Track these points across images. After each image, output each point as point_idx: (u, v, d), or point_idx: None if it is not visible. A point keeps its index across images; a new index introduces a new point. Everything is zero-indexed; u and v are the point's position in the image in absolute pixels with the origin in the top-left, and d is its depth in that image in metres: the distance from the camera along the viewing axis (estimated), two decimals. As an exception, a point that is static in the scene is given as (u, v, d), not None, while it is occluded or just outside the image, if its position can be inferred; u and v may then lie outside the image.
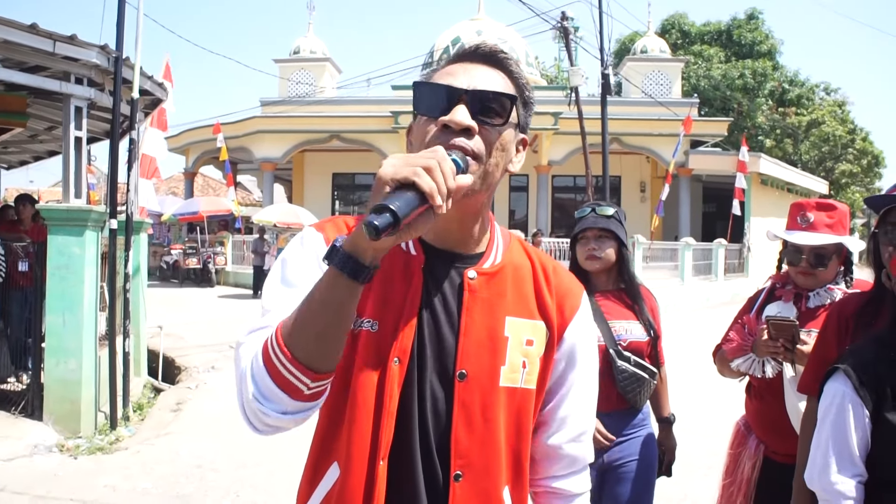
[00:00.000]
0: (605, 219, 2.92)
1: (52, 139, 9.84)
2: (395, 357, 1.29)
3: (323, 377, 1.17)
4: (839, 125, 34.83)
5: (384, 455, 1.27)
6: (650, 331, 2.87)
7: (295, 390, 1.15)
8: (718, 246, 20.56)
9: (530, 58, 29.81)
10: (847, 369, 1.78)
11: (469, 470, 1.31)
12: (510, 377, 1.34)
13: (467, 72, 1.32)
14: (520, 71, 1.38)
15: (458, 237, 1.36)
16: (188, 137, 25.41)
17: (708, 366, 2.97)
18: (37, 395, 6.25)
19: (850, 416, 1.74)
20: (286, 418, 1.19)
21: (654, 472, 2.93)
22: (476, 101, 1.27)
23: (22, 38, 5.56)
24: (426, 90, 1.31)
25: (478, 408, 1.31)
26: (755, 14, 37.59)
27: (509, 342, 1.35)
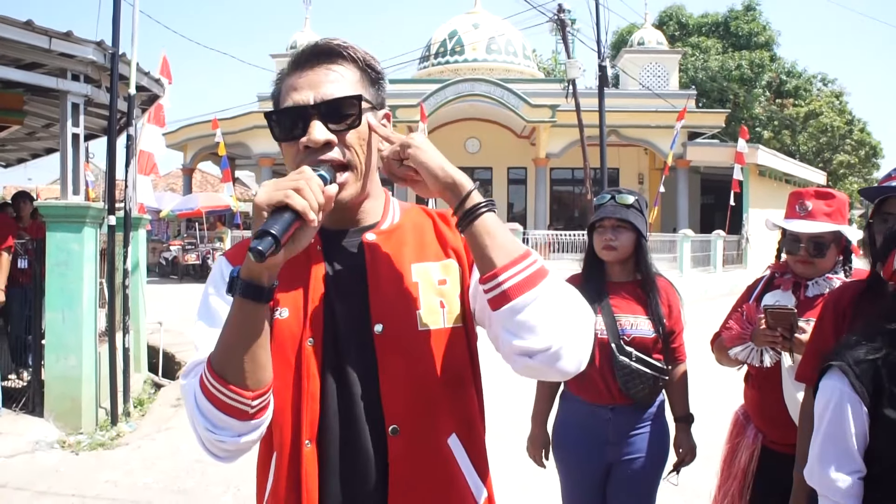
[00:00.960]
0: (625, 208, 2.87)
1: (50, 136, 9.82)
2: (309, 338, 1.34)
3: (262, 393, 1.24)
4: (837, 116, 34.80)
5: (310, 436, 1.31)
6: (659, 327, 2.82)
7: (240, 413, 1.23)
8: (717, 237, 20.56)
9: (527, 50, 29.78)
10: (843, 365, 1.77)
11: (403, 423, 1.33)
12: (430, 319, 1.37)
13: (309, 81, 1.35)
14: (357, 51, 1.40)
15: (352, 216, 1.43)
16: (186, 133, 25.38)
17: (707, 356, 2.97)
18: (37, 392, 6.26)
19: (849, 413, 1.73)
20: (242, 440, 1.26)
21: (659, 471, 2.90)
22: (326, 112, 1.32)
23: (18, 34, 5.54)
24: (278, 117, 1.36)
25: (400, 357, 1.34)
26: (752, 5, 37.52)
27: (420, 286, 1.39)
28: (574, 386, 2.96)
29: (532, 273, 1.23)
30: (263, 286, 1.19)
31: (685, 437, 2.96)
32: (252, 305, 1.19)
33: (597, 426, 2.85)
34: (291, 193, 1.14)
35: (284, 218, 1.13)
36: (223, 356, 1.22)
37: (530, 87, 24.49)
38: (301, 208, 1.14)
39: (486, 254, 1.24)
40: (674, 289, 2.99)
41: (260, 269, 1.17)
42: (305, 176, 1.18)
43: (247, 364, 1.21)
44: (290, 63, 1.40)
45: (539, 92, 23.57)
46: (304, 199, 1.14)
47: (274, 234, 1.10)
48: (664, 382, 2.89)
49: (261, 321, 1.21)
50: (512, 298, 1.21)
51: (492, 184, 27.15)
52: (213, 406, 1.22)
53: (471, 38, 27.53)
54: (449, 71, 26.89)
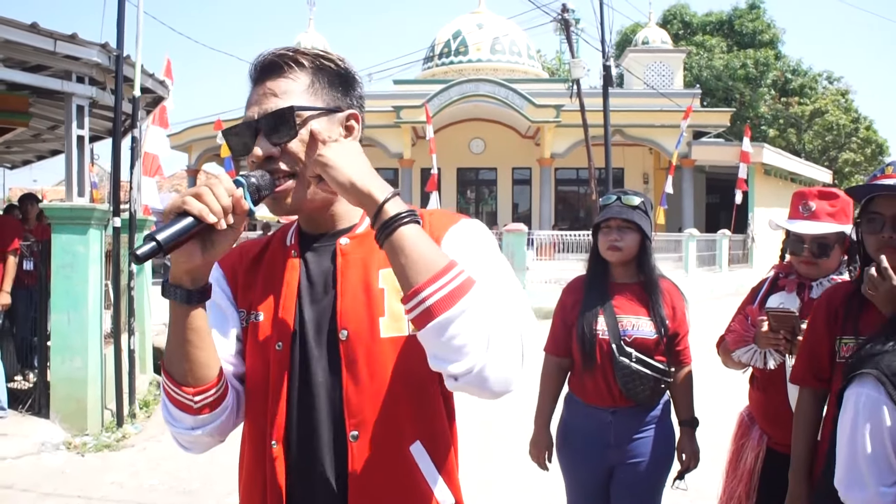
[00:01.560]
0: (630, 209, 2.86)
1: (55, 138, 9.85)
2: (278, 342, 1.37)
3: (203, 390, 1.30)
4: (842, 114, 34.74)
5: (277, 437, 1.35)
6: (661, 328, 2.81)
7: (186, 407, 1.31)
8: (722, 237, 20.53)
9: (532, 50, 29.78)
10: (879, 375, 1.68)
11: (364, 428, 1.33)
12: (393, 326, 1.35)
13: (257, 97, 1.37)
14: (305, 57, 1.38)
15: (326, 220, 1.44)
16: (190, 135, 25.43)
17: (712, 357, 2.96)
18: (43, 394, 6.28)
19: (888, 424, 1.65)
20: (196, 433, 1.34)
21: (663, 475, 2.89)
22: (266, 126, 1.33)
23: (23, 37, 5.56)
24: (230, 137, 1.39)
25: (363, 364, 1.34)
26: (756, 3, 37.49)
27: (385, 292, 1.37)
28: (576, 388, 2.97)
29: (455, 287, 1.14)
30: (187, 289, 1.23)
31: (688, 442, 2.94)
32: (180, 308, 1.25)
33: (598, 428, 2.85)
34: (189, 199, 1.15)
35: (181, 224, 1.15)
36: (167, 354, 1.31)
37: (535, 87, 24.49)
38: (197, 212, 1.14)
39: (405, 271, 1.16)
40: (678, 291, 2.98)
41: (179, 274, 1.22)
42: (211, 181, 1.18)
43: (184, 363, 1.28)
44: (248, 77, 1.43)
45: (543, 92, 23.55)
46: (200, 204, 1.15)
47: (158, 240, 1.12)
48: (668, 385, 2.88)
49: (191, 323, 1.26)
50: (436, 315, 1.12)
51: (496, 184, 27.17)
52: (168, 400, 1.32)
53: (475, 38, 27.55)
54: (453, 71, 26.91)
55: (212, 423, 1.34)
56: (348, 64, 1.44)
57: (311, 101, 1.36)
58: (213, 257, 1.22)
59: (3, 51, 5.65)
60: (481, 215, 27.20)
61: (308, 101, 1.35)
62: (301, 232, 1.47)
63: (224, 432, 1.38)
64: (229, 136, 1.38)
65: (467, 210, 27.40)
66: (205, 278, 1.26)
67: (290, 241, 1.46)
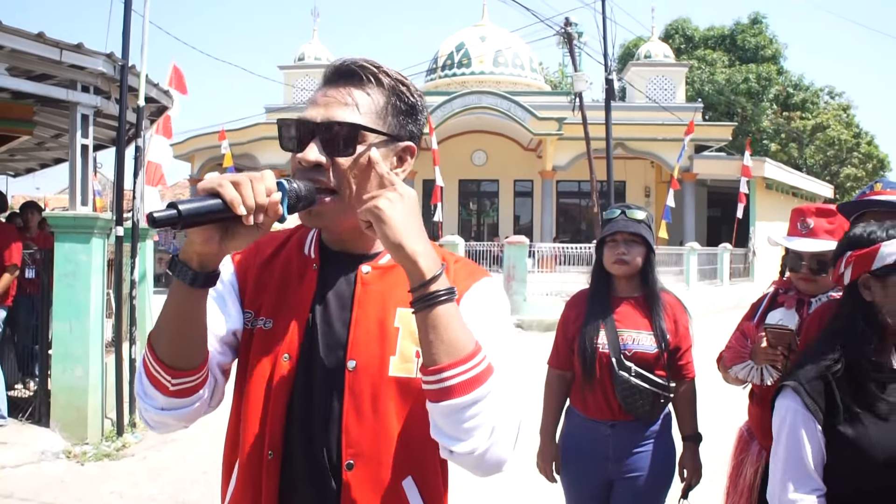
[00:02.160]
0: (636, 223, 2.86)
1: (59, 147, 9.87)
2: (285, 353, 1.36)
3: (182, 375, 1.27)
4: (844, 129, 34.81)
5: (273, 447, 1.33)
6: (662, 343, 2.81)
7: (161, 386, 1.27)
8: (723, 250, 20.54)
9: (534, 63, 29.88)
10: (795, 385, 1.78)
11: (361, 459, 1.33)
12: (402, 367, 1.35)
13: (326, 100, 1.35)
14: (387, 76, 1.37)
15: (352, 241, 1.42)
16: (193, 144, 25.49)
17: (713, 371, 2.96)
18: (44, 402, 6.27)
19: (803, 432, 1.74)
20: (164, 414, 1.31)
21: (663, 490, 2.88)
22: (324, 134, 1.31)
23: (29, 46, 5.58)
24: (286, 128, 1.36)
25: (367, 397, 1.34)
26: (759, 18, 37.62)
27: (399, 332, 1.37)
28: (576, 401, 2.97)
29: (476, 374, 1.18)
30: (194, 270, 1.19)
31: (691, 457, 2.94)
32: (182, 287, 1.21)
33: (597, 442, 2.85)
34: (226, 184, 1.13)
35: (208, 203, 1.12)
36: (156, 328, 1.27)
37: (537, 99, 24.56)
38: (229, 199, 1.11)
39: (434, 347, 1.18)
40: (681, 305, 2.98)
41: (189, 253, 1.19)
42: (255, 175, 1.16)
43: (172, 343, 1.25)
44: (322, 76, 1.41)
45: (546, 105, 23.62)
46: (235, 192, 1.12)
47: (179, 209, 1.09)
48: (668, 399, 2.88)
49: (189, 304, 1.23)
50: (453, 396, 1.17)
51: (498, 196, 27.19)
52: (145, 374, 1.29)
53: (478, 50, 27.64)
54: (456, 83, 27.00)
55: (182, 409, 1.31)
56: (420, 96, 1.42)
57: (378, 123, 1.34)
58: (229, 249, 1.19)
59: (9, 60, 5.67)
60: (483, 227, 27.22)
61: (375, 123, 1.34)
62: (321, 246, 1.45)
63: (191, 420, 1.35)
64: (282, 124, 1.36)
65: (469, 221, 27.43)
66: (214, 265, 1.22)
67: (310, 252, 1.44)
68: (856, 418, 1.72)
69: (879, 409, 1.73)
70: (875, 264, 1.84)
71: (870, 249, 1.86)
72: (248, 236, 1.18)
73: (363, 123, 1.32)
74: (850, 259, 1.90)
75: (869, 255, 1.86)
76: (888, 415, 1.73)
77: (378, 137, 1.34)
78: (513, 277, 15.54)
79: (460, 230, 24.54)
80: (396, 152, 1.38)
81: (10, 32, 5.41)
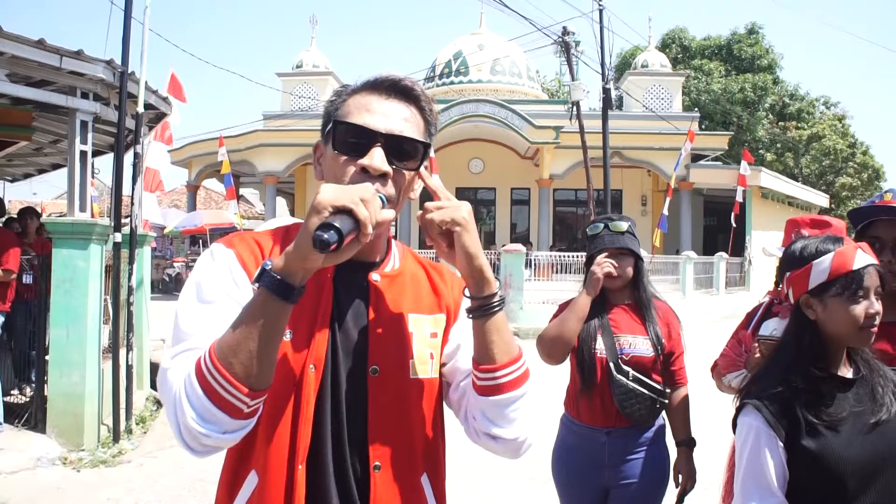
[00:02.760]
0: (620, 236, 2.91)
1: (57, 152, 9.88)
2: (311, 364, 1.35)
3: (261, 394, 1.23)
4: (840, 139, 34.91)
5: (302, 459, 1.32)
6: (658, 347, 2.84)
7: (234, 410, 1.20)
8: (720, 259, 20.58)
9: (531, 72, 29.94)
10: (756, 403, 1.79)
11: (387, 460, 1.37)
12: (421, 369, 1.44)
13: (383, 109, 1.38)
14: (430, 103, 1.46)
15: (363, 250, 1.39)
16: (191, 150, 25.47)
17: (707, 380, 2.98)
18: (40, 408, 6.27)
19: (765, 449, 1.75)
20: (226, 437, 1.23)
21: (658, 496, 2.89)
22: (392, 145, 1.35)
23: (30, 53, 5.60)
24: (344, 128, 1.37)
25: (392, 400, 1.39)
26: (755, 29, 37.76)
27: (414, 336, 1.45)
28: (571, 408, 2.98)
29: (522, 373, 1.40)
30: (294, 286, 1.18)
31: (685, 462, 2.95)
32: (278, 303, 1.18)
33: (593, 449, 2.86)
34: (358, 201, 1.15)
35: (346, 221, 1.13)
36: (233, 348, 1.18)
37: (534, 108, 24.61)
38: (363, 218, 1.15)
39: (491, 348, 1.36)
40: (672, 312, 3.03)
41: (296, 268, 1.17)
42: (371, 191, 1.19)
43: (256, 361, 1.18)
44: (367, 83, 1.43)
45: (543, 113, 23.67)
46: (367, 211, 1.15)
47: (340, 229, 1.10)
48: (663, 405, 2.90)
49: (281, 321, 1.21)
50: (503, 392, 1.37)
51: (495, 204, 27.21)
52: (208, 398, 1.18)
53: (475, 59, 27.70)
54: (453, 91, 27.03)
55: (245, 430, 1.26)
56: None
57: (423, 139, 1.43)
58: (331, 262, 1.20)
59: (10, 66, 5.69)
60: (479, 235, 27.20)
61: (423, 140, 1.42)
62: None
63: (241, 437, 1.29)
64: (340, 126, 1.38)
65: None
66: (306, 280, 1.22)
67: None
68: (818, 432, 1.73)
69: (839, 420, 1.75)
70: (810, 284, 1.86)
71: (802, 270, 1.88)
72: (351, 252, 1.20)
73: (423, 140, 1.40)
74: (789, 281, 1.92)
75: (803, 275, 1.88)
76: (849, 425, 1.75)
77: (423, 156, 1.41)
78: (510, 286, 15.56)
79: (457, 238, 24.49)
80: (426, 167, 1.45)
81: (11, 39, 5.43)
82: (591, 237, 3.01)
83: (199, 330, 1.28)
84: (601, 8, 16.67)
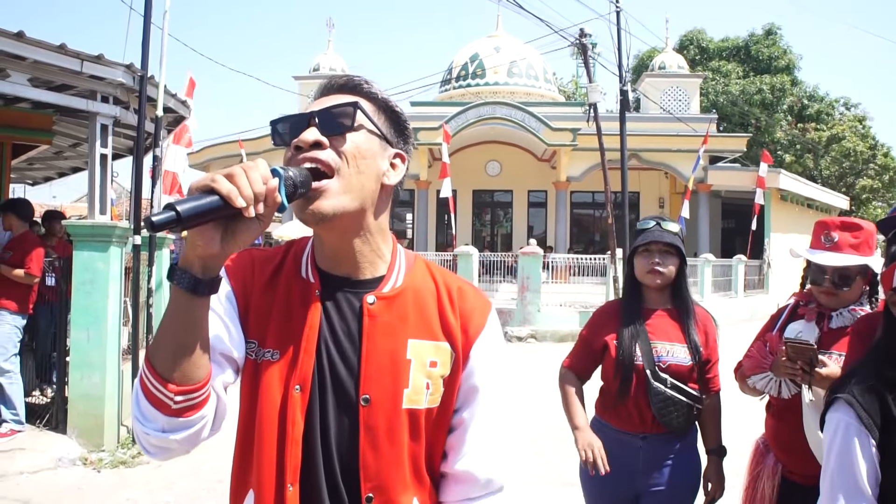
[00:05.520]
0: (671, 234, 2.84)
1: (76, 156, 9.99)
2: (296, 384, 1.32)
3: (186, 390, 1.20)
4: (860, 140, 34.62)
5: (293, 480, 1.31)
6: (696, 355, 2.79)
7: (163, 405, 1.20)
8: (738, 262, 20.45)
9: (548, 74, 29.92)
10: (848, 398, 1.73)
11: (379, 492, 1.34)
12: (413, 399, 1.36)
13: (322, 100, 1.38)
14: (377, 91, 1.41)
15: (350, 261, 1.39)
16: (209, 154, 25.69)
17: (728, 383, 2.96)
18: (61, 409, 6.32)
19: (857, 447, 1.68)
20: (166, 437, 1.23)
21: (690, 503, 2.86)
22: (323, 119, 1.32)
23: (51, 58, 5.66)
24: (281, 123, 1.37)
25: (383, 431, 1.34)
26: (773, 30, 37.56)
27: (412, 364, 1.37)
28: (605, 412, 2.92)
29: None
30: (196, 276, 1.16)
31: (716, 471, 2.90)
32: (184, 296, 1.16)
33: (627, 454, 2.80)
34: (219, 178, 1.09)
35: (206, 200, 1.07)
36: (155, 343, 1.21)
37: (551, 110, 24.57)
38: (225, 192, 1.07)
39: None
40: (710, 317, 2.96)
41: (191, 258, 1.15)
42: (248, 164, 1.13)
43: (174, 356, 1.18)
44: (315, 93, 1.44)
45: (560, 115, 23.64)
46: (231, 185, 1.08)
47: (178, 210, 1.04)
48: (699, 412, 2.85)
49: (192, 313, 1.18)
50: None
51: (512, 206, 27.21)
52: (143, 395, 1.21)
53: (492, 61, 27.72)
54: (470, 94, 27.07)
55: (185, 430, 1.24)
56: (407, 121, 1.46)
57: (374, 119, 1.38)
58: (232, 249, 1.16)
59: (32, 71, 5.75)
60: (496, 237, 27.22)
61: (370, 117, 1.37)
62: (318, 269, 1.41)
63: (193, 443, 1.28)
64: (278, 123, 1.36)
65: (482, 232, 27.44)
66: (217, 269, 1.18)
67: (308, 276, 1.40)
68: None
69: None
70: (894, 282, 1.84)
71: (889, 268, 1.86)
72: (251, 231, 1.15)
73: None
74: (882, 278, 1.89)
75: (889, 273, 1.85)
76: None
77: (373, 128, 1.36)
78: (527, 288, 15.53)
79: (474, 240, 24.54)
80: (389, 157, 1.40)
81: (33, 44, 5.49)
82: (640, 230, 2.94)
83: None
84: (618, 10, 16.60)
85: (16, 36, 5.35)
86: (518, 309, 15.66)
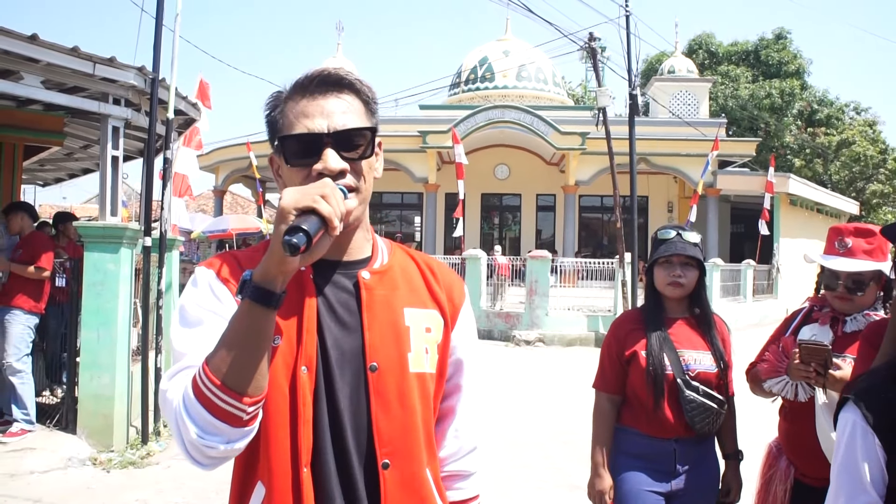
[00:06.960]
0: (692, 246, 2.84)
1: (87, 157, 10.02)
2: (303, 366, 1.35)
3: (258, 400, 1.24)
4: (870, 145, 34.48)
5: (307, 462, 1.33)
6: (720, 362, 2.80)
7: (234, 419, 1.21)
8: (747, 267, 20.39)
9: (557, 78, 29.91)
10: (855, 398, 1.73)
11: (395, 457, 1.38)
12: (418, 363, 1.44)
13: (320, 109, 1.39)
14: (362, 83, 1.46)
15: (342, 247, 1.45)
16: (218, 156, 25.73)
17: (740, 386, 2.96)
18: (71, 409, 6.36)
19: (860, 444, 1.68)
20: (230, 447, 1.24)
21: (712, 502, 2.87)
22: (339, 141, 1.37)
23: (64, 60, 5.69)
24: (291, 142, 1.39)
25: (394, 395, 1.39)
26: (783, 34, 37.48)
27: (411, 331, 1.45)
28: (632, 419, 2.89)
29: None
30: (275, 291, 1.20)
31: (734, 475, 2.91)
32: (261, 310, 1.20)
33: (660, 458, 2.80)
34: (319, 199, 1.17)
35: (312, 220, 1.16)
36: (224, 360, 1.20)
37: (560, 114, 24.56)
38: (327, 214, 1.17)
39: None
40: (725, 324, 2.98)
41: (275, 273, 1.19)
42: (330, 186, 1.21)
43: (249, 369, 1.20)
44: (296, 86, 1.43)
45: (569, 119, 23.62)
46: (329, 206, 1.18)
47: (306, 230, 1.12)
48: (723, 416, 2.86)
49: (268, 327, 1.23)
50: None
51: (520, 210, 27.19)
52: (207, 411, 1.20)
53: (501, 65, 27.72)
54: (479, 97, 27.06)
55: (249, 436, 1.27)
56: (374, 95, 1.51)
57: (368, 124, 1.43)
58: (308, 261, 1.23)
59: (45, 73, 5.79)
60: (505, 241, 27.22)
61: (367, 123, 1.43)
62: None
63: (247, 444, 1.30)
64: (287, 140, 1.39)
65: (490, 236, 27.44)
66: (286, 283, 1.23)
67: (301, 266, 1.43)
68: None
69: None
70: None
71: None
72: (323, 248, 1.23)
73: (367, 125, 1.42)
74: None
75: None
76: None
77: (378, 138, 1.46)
78: (535, 292, 15.53)
79: (482, 244, 24.54)
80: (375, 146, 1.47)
81: (46, 47, 5.53)
82: (660, 241, 2.92)
83: (191, 349, 1.31)
84: (628, 14, 16.59)
85: (30, 38, 5.39)
86: (526, 313, 15.66)
